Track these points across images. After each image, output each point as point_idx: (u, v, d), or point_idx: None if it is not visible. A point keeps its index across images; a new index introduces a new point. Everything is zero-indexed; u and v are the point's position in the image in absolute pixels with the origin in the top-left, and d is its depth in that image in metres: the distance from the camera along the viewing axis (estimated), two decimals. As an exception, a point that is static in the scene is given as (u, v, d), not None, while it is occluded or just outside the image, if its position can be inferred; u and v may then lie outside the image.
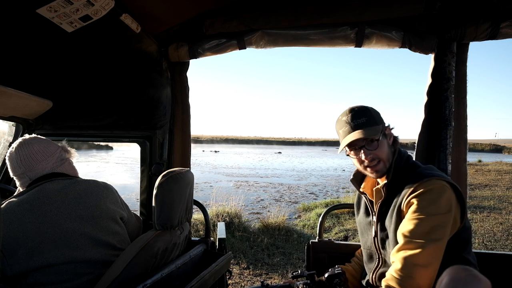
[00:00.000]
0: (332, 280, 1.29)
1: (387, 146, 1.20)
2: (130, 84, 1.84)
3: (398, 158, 1.21)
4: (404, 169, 1.20)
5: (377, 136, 1.15)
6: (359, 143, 1.18)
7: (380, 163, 1.19)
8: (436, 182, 1.07)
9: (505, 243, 4.85)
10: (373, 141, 1.17)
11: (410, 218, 1.06)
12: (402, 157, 1.22)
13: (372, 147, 1.17)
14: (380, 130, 1.18)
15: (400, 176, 1.19)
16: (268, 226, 5.32)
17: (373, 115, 1.20)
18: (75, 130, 1.92)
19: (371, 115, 1.19)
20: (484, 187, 10.16)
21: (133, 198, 7.98)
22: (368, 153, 1.17)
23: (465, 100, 1.61)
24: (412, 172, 1.16)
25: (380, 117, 1.23)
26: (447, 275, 0.79)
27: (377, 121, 1.19)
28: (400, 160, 1.21)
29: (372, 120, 1.18)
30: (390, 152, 1.21)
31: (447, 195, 1.06)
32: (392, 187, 1.19)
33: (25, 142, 1.30)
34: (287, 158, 29.33)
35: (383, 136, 1.19)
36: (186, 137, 1.96)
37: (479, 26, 1.49)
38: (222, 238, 1.74)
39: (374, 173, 1.20)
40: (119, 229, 1.30)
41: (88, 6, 1.24)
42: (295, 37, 1.71)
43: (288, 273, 3.61)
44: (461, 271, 0.77)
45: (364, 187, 1.36)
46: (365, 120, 1.18)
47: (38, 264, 1.09)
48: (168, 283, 1.27)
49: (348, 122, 1.19)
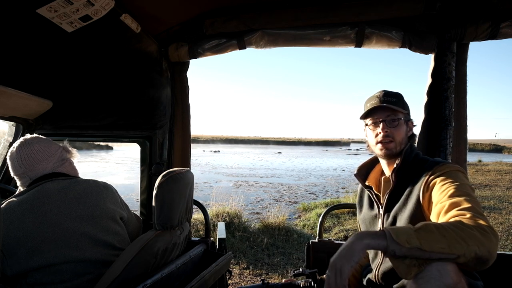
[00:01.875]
0: None
1: (404, 131, 1.24)
2: (130, 84, 1.84)
3: (409, 150, 1.24)
4: (413, 161, 1.21)
5: (400, 116, 1.22)
6: (381, 116, 1.22)
7: (392, 143, 1.21)
8: (452, 166, 1.10)
9: (505, 243, 4.85)
10: (395, 120, 1.21)
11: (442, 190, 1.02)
12: (413, 150, 1.25)
13: (391, 124, 1.22)
14: (405, 114, 1.24)
15: (409, 166, 1.20)
16: (268, 226, 5.32)
17: (403, 100, 1.27)
18: (75, 130, 1.92)
19: (402, 99, 1.26)
20: (484, 187, 10.17)
21: (133, 198, 7.98)
22: (386, 128, 1.21)
23: (465, 100, 1.62)
24: (424, 162, 1.18)
25: (408, 107, 1.28)
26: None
27: (405, 107, 1.25)
28: (411, 152, 1.24)
29: (401, 104, 1.24)
30: (405, 140, 1.24)
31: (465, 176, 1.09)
32: (401, 175, 1.20)
33: (26, 142, 1.30)
34: (287, 158, 29.35)
35: (404, 122, 1.24)
36: (186, 137, 1.96)
37: (479, 26, 1.49)
38: (222, 238, 1.74)
39: (384, 150, 1.22)
40: (119, 229, 1.30)
41: (88, 6, 1.24)
42: (295, 37, 1.71)
43: (289, 273, 3.61)
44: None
45: (369, 181, 1.36)
46: (395, 100, 1.23)
47: (38, 264, 1.09)
48: (168, 283, 1.27)
49: (379, 97, 1.25)
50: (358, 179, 1.38)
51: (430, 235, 0.82)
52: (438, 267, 0.74)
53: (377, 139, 1.23)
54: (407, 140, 1.26)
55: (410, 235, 0.83)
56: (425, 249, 0.81)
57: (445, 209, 0.97)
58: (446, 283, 0.71)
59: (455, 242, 0.81)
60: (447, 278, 0.72)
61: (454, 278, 0.73)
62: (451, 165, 1.11)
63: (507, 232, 5.36)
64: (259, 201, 8.50)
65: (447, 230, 0.83)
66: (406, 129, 1.24)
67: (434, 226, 0.86)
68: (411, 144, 1.26)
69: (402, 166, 1.20)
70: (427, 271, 0.75)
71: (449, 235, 0.82)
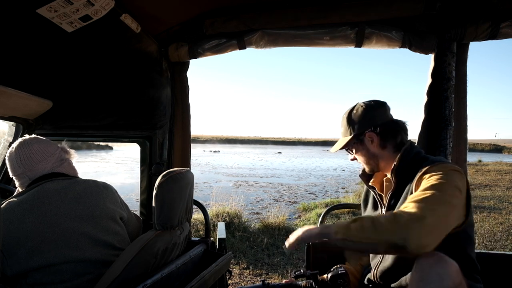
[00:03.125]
0: (336, 280, 1.27)
1: (365, 150, 1.30)
2: (130, 84, 1.84)
3: (409, 148, 1.22)
4: (413, 160, 1.19)
5: (350, 143, 1.31)
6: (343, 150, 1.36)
7: (364, 165, 1.34)
8: (449, 165, 1.06)
9: (505, 243, 4.85)
10: (349, 150, 1.35)
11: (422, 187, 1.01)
12: (413, 149, 1.23)
13: (351, 151, 1.35)
14: (351, 140, 1.30)
15: (409, 165, 1.18)
16: (268, 226, 5.32)
17: (347, 123, 1.33)
18: (75, 130, 1.92)
19: (345, 125, 1.34)
20: (484, 187, 10.17)
21: (132, 198, 7.98)
22: (350, 156, 1.37)
23: (465, 100, 1.61)
24: (423, 161, 1.15)
25: (357, 122, 1.30)
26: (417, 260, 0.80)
27: (351, 128, 1.32)
28: (410, 150, 1.22)
29: (344, 131, 1.35)
30: (371, 155, 1.29)
31: (459, 177, 1.01)
32: (401, 174, 1.19)
33: (25, 142, 1.30)
34: (286, 158, 29.34)
35: (359, 143, 1.30)
36: (186, 137, 1.96)
37: (479, 26, 1.49)
38: (222, 238, 1.74)
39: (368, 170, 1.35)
40: (119, 229, 1.30)
41: (88, 6, 1.24)
42: (295, 37, 1.71)
43: (289, 273, 3.61)
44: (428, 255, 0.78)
45: (373, 181, 1.36)
46: (341, 131, 1.37)
47: (38, 264, 1.09)
48: (168, 283, 1.27)
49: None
50: (362, 180, 1.40)
51: (357, 227, 0.94)
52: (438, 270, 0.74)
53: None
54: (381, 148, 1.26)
55: (341, 227, 0.97)
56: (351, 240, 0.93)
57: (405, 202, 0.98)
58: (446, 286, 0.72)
59: (371, 233, 0.90)
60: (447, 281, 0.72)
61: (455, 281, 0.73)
62: (447, 164, 1.07)
63: (507, 232, 5.36)
64: (259, 201, 8.50)
65: (371, 222, 0.93)
66: (366, 145, 1.29)
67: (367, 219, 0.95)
68: (411, 143, 1.25)
69: (401, 166, 1.20)
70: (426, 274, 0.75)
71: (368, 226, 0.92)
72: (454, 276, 0.73)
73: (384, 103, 1.31)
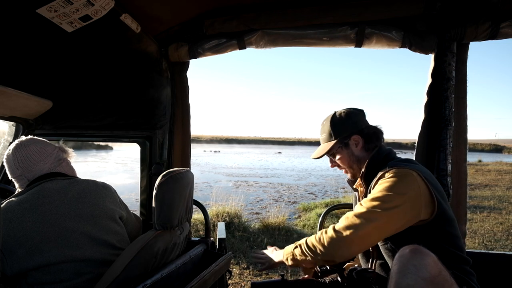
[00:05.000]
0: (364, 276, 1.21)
1: (348, 155, 1.34)
2: (130, 84, 1.84)
3: (376, 155, 1.30)
4: (380, 163, 1.26)
5: (332, 149, 1.34)
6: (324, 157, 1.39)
7: (345, 170, 1.39)
8: (399, 170, 1.13)
9: (505, 243, 4.85)
10: (331, 155, 1.38)
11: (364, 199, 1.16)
12: (381, 153, 1.30)
13: (333, 158, 1.39)
14: (336, 144, 1.33)
15: (374, 168, 1.26)
16: (268, 226, 5.32)
17: (330, 129, 1.36)
18: (75, 130, 1.92)
19: (331, 125, 1.36)
20: (484, 187, 10.17)
21: (132, 198, 7.98)
22: (332, 163, 1.42)
23: (465, 100, 1.61)
24: (383, 165, 1.23)
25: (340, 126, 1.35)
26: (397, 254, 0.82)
27: (334, 135, 1.35)
28: (377, 157, 1.29)
29: (327, 137, 1.37)
30: (355, 159, 1.34)
31: (408, 181, 1.11)
32: (368, 179, 1.27)
33: (22, 144, 1.30)
34: (286, 158, 29.33)
35: (341, 148, 1.34)
36: (186, 137, 1.96)
37: (479, 26, 1.49)
38: (222, 238, 1.74)
39: (349, 177, 1.41)
40: (119, 228, 1.30)
41: (88, 6, 1.24)
42: (295, 37, 1.71)
43: (289, 273, 3.61)
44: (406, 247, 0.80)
45: (357, 184, 1.41)
46: (323, 137, 1.39)
47: (38, 264, 1.09)
48: (168, 283, 1.27)
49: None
50: (349, 184, 1.47)
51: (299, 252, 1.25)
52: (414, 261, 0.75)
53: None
54: (365, 151, 1.33)
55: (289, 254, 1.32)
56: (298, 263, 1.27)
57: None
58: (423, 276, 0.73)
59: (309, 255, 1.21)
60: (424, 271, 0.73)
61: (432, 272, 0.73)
62: (400, 169, 1.14)
63: (507, 232, 5.36)
64: (259, 201, 8.50)
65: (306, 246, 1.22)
66: (350, 149, 1.34)
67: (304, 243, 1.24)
68: (379, 148, 1.32)
69: (367, 172, 1.29)
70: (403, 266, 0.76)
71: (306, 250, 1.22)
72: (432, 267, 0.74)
73: (362, 110, 1.41)
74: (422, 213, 1.10)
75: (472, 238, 4.99)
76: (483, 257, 1.49)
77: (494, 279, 1.45)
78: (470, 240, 4.91)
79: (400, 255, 0.80)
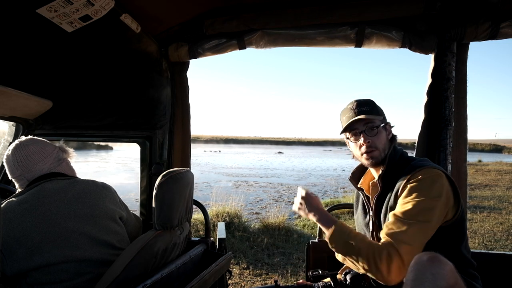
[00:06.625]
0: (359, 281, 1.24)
1: (385, 137, 1.25)
2: (130, 84, 1.84)
3: (393, 153, 1.25)
4: (398, 163, 1.23)
5: (378, 123, 1.23)
6: (360, 128, 1.23)
7: (376, 151, 1.23)
8: (429, 171, 1.10)
9: (505, 243, 4.85)
10: (373, 128, 1.23)
11: (401, 203, 1.09)
12: (397, 153, 1.26)
13: (371, 133, 1.23)
14: (381, 120, 1.25)
15: (394, 168, 1.22)
16: (268, 226, 5.32)
17: (377, 106, 1.27)
18: (75, 130, 1.92)
19: (375, 106, 1.27)
20: (484, 187, 10.17)
21: (132, 198, 7.98)
22: (367, 138, 1.22)
23: (465, 100, 1.61)
24: (406, 164, 1.19)
25: (383, 112, 1.29)
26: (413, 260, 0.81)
27: (379, 112, 1.26)
28: (395, 155, 1.25)
29: (375, 110, 1.25)
30: (387, 145, 1.26)
31: (440, 182, 1.08)
32: (387, 180, 1.22)
33: (21, 144, 1.30)
34: (286, 158, 29.34)
35: (383, 128, 1.25)
36: (186, 137, 1.96)
37: (479, 26, 1.49)
38: (222, 238, 1.74)
39: (370, 160, 1.24)
40: (119, 228, 1.30)
41: (88, 6, 1.24)
42: (295, 37, 1.71)
43: (288, 273, 3.61)
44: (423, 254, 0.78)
45: (361, 183, 1.38)
46: (369, 109, 1.24)
47: (38, 264, 1.09)
48: (168, 283, 1.27)
49: (353, 109, 1.26)
50: (351, 182, 1.43)
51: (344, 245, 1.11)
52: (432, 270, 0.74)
53: (361, 150, 1.25)
54: (389, 143, 1.27)
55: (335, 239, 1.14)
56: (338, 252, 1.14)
57: (386, 223, 1.09)
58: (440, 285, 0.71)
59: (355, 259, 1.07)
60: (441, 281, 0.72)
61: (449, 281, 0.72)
62: (430, 169, 1.11)
63: (507, 232, 5.36)
64: (259, 201, 8.50)
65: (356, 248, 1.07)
66: (386, 134, 1.26)
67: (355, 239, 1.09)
68: (394, 146, 1.27)
69: (387, 172, 1.23)
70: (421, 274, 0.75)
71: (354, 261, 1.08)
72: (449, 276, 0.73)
73: None
74: (448, 213, 1.09)
75: (472, 238, 4.99)
76: (483, 257, 1.49)
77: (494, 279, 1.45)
78: (470, 240, 4.91)
79: (416, 262, 0.78)
